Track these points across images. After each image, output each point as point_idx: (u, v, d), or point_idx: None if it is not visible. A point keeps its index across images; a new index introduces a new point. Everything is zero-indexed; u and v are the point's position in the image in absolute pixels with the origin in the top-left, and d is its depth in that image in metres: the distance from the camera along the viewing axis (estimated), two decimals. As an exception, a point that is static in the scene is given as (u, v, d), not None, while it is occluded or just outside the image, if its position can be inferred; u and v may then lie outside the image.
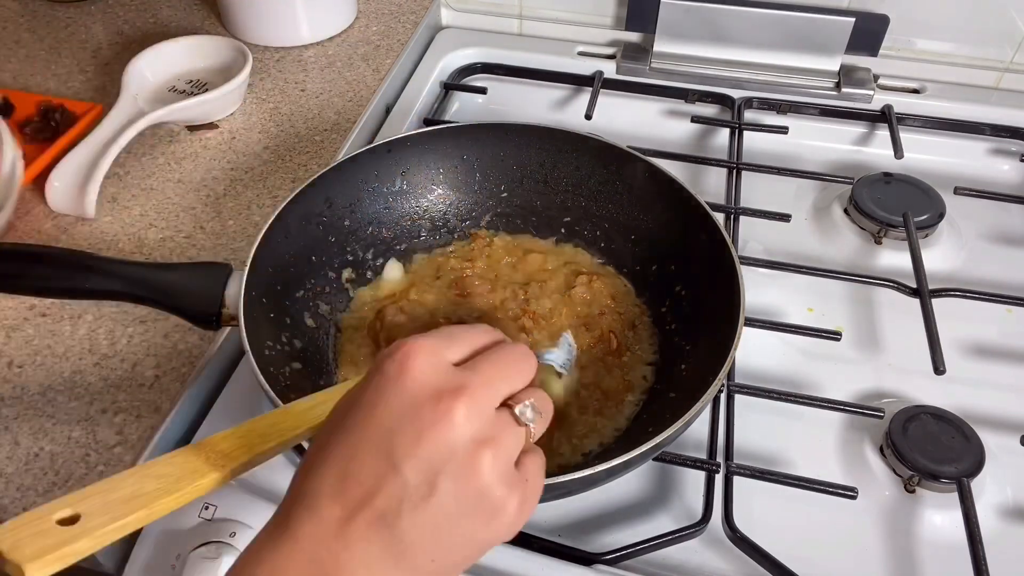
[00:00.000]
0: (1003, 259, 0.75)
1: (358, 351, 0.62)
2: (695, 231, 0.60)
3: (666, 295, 0.63)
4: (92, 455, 0.55)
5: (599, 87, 0.89)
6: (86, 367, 0.60)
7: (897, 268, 0.72)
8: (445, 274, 0.66)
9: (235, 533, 0.51)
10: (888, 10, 0.85)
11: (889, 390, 0.64)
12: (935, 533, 0.55)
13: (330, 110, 0.85)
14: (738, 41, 0.89)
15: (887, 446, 0.58)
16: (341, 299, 0.65)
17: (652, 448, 0.47)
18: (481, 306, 0.64)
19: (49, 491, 0.53)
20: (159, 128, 0.82)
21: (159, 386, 0.59)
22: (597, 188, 0.69)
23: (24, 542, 0.31)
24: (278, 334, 0.58)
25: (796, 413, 0.60)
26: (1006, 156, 0.85)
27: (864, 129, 0.87)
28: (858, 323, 0.69)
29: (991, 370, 0.66)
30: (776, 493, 0.55)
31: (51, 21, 0.98)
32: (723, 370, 0.50)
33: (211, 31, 0.96)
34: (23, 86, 0.87)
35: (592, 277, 0.65)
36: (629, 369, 0.60)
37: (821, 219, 0.78)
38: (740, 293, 0.54)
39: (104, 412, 0.57)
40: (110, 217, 0.73)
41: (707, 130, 0.88)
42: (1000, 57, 0.88)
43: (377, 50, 0.94)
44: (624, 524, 0.56)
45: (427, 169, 0.69)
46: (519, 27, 1.01)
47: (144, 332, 0.63)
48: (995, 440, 0.58)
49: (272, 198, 0.75)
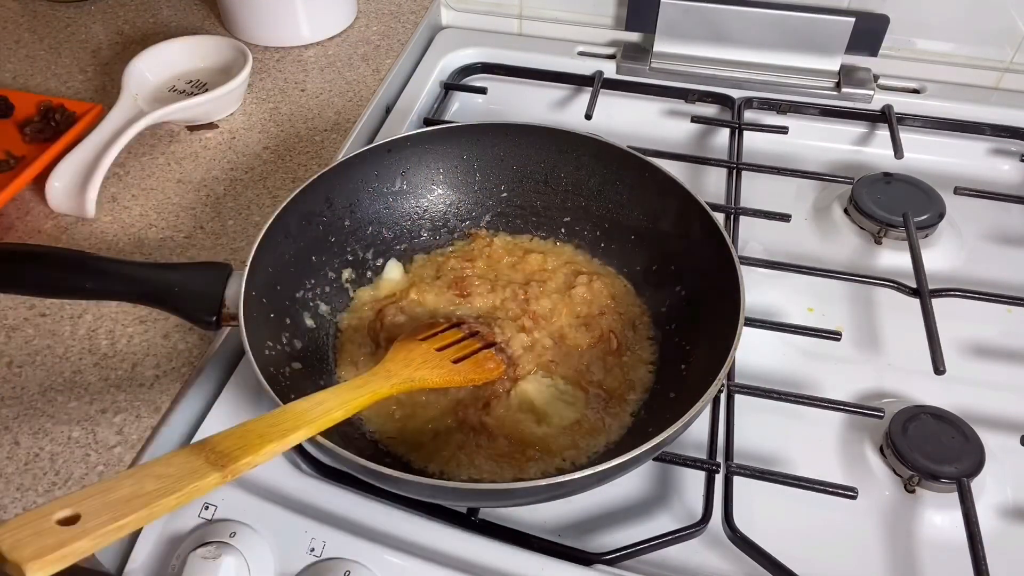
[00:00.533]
0: (1003, 259, 0.75)
1: (358, 351, 0.62)
2: (695, 231, 0.60)
3: (666, 295, 0.63)
4: (92, 455, 0.55)
5: (599, 87, 0.89)
6: (86, 367, 0.60)
7: (897, 268, 0.72)
8: (445, 274, 0.66)
9: (235, 533, 0.51)
10: (888, 10, 0.85)
11: (889, 390, 0.64)
12: (935, 533, 0.55)
13: (330, 110, 0.85)
14: (738, 41, 0.89)
15: (887, 446, 0.58)
16: (341, 299, 0.65)
17: (652, 448, 0.47)
18: (481, 306, 0.64)
19: (49, 491, 0.53)
20: (159, 128, 0.82)
21: (159, 386, 0.59)
22: (597, 188, 0.68)
23: (24, 542, 0.31)
24: (278, 334, 0.58)
25: (796, 413, 0.60)
26: (1006, 156, 0.85)
27: (864, 129, 0.87)
28: (858, 323, 0.69)
29: (991, 370, 0.66)
30: (776, 493, 0.55)
31: (51, 21, 0.98)
32: (723, 370, 0.50)
33: (211, 31, 0.96)
34: (23, 86, 0.87)
35: (592, 277, 0.65)
36: (629, 369, 0.60)
37: (821, 219, 0.78)
38: (740, 293, 0.54)
39: (104, 412, 0.57)
40: (110, 217, 0.73)
41: (707, 130, 0.88)
42: (1000, 57, 0.88)
43: (377, 50, 0.94)
44: (624, 524, 0.56)
45: (427, 169, 0.69)
46: (519, 27, 1.01)
47: (144, 332, 0.63)
48: (995, 440, 0.58)
49: (272, 198, 0.75)
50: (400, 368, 0.53)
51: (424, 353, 0.55)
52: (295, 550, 0.51)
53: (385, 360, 0.53)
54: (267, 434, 0.41)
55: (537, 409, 0.57)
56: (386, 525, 0.53)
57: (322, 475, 0.56)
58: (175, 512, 0.53)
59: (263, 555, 0.50)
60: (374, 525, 0.52)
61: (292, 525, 0.52)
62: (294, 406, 0.45)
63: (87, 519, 0.33)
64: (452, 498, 0.53)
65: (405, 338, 0.56)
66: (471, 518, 0.54)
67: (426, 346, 0.56)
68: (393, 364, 0.53)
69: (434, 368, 0.54)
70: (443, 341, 0.57)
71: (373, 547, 0.51)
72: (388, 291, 0.66)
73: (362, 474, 0.48)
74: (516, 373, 0.59)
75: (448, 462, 0.54)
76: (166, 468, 0.37)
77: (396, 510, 0.54)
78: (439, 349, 0.56)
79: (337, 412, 0.45)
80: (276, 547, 0.51)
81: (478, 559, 0.51)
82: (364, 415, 0.57)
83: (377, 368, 0.52)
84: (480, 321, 0.62)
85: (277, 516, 0.52)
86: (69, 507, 0.33)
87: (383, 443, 0.56)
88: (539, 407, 0.57)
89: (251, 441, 0.40)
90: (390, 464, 0.51)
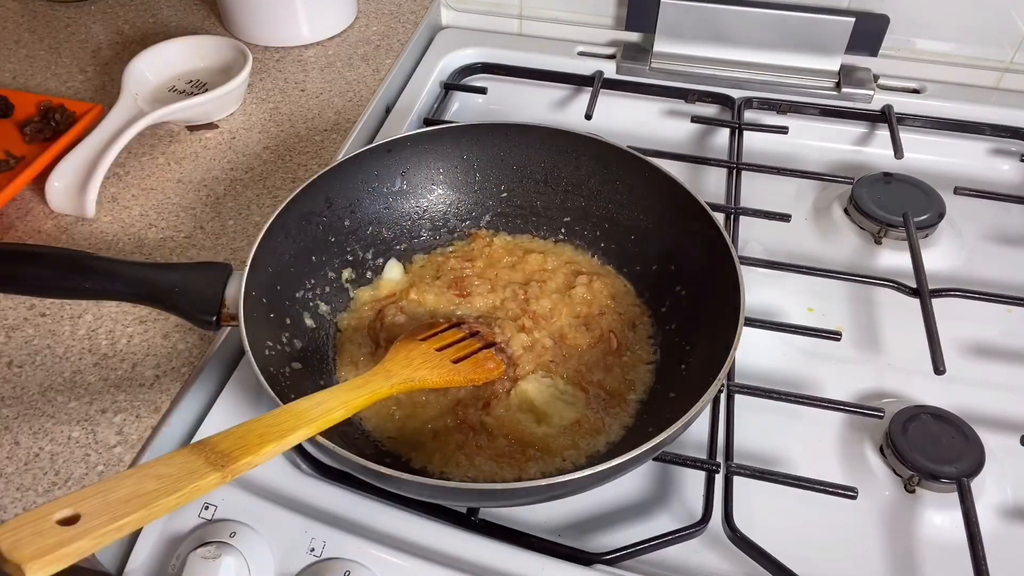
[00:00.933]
0: (1003, 259, 0.75)
1: (358, 351, 0.62)
2: (695, 231, 0.60)
3: (666, 295, 0.63)
4: (92, 455, 0.55)
5: (599, 87, 0.89)
6: (86, 367, 0.60)
7: (897, 268, 0.72)
8: (445, 274, 0.66)
9: (235, 533, 0.51)
10: (888, 10, 0.85)
11: (889, 390, 0.64)
12: (935, 533, 0.55)
13: (330, 110, 0.85)
14: (738, 41, 0.89)
15: (887, 446, 0.58)
16: (341, 299, 0.65)
17: (652, 448, 0.47)
18: (481, 306, 0.64)
19: (49, 491, 0.53)
20: (159, 128, 0.82)
21: (159, 386, 0.59)
22: (597, 188, 0.68)
23: (24, 542, 0.31)
24: (278, 334, 0.57)
25: (796, 413, 0.60)
26: (1006, 156, 0.85)
27: (864, 129, 0.87)
28: (858, 323, 0.69)
29: (991, 370, 0.65)
30: (776, 493, 0.55)
31: (51, 21, 0.98)
32: (723, 370, 0.50)
33: (211, 31, 0.96)
34: (23, 86, 0.87)
35: (592, 277, 0.65)
36: (629, 369, 0.60)
37: (821, 219, 0.78)
38: (740, 293, 0.54)
39: (104, 412, 0.57)
40: (110, 217, 0.73)
41: (707, 130, 0.88)
42: (1000, 57, 0.88)
43: (377, 50, 0.94)
44: (624, 524, 0.56)
45: (427, 169, 0.69)
46: (519, 27, 1.01)
47: (144, 332, 0.63)
48: (995, 440, 0.58)
49: (272, 198, 0.75)
50: (400, 368, 0.53)
51: (424, 353, 0.55)
52: (295, 550, 0.51)
53: (385, 360, 0.53)
54: (267, 434, 0.41)
55: (537, 409, 0.57)
56: (386, 525, 0.53)
57: (322, 475, 0.56)
58: (175, 512, 0.53)
59: (263, 555, 0.50)
60: (374, 525, 0.52)
61: (292, 525, 0.52)
62: (294, 406, 0.45)
63: (87, 519, 0.33)
64: (452, 498, 0.53)
65: (405, 338, 0.56)
66: (471, 518, 0.54)
67: (426, 346, 0.56)
68: (393, 364, 0.53)
69: (434, 368, 0.54)
70: (443, 341, 0.57)
71: (373, 547, 0.51)
72: (388, 291, 0.66)
73: (362, 474, 0.48)
74: (516, 373, 0.59)
75: (448, 462, 0.54)
76: (166, 468, 0.37)
77: (396, 510, 0.54)
78: (439, 349, 0.56)
79: (337, 412, 0.45)
80: (276, 547, 0.51)
81: (478, 559, 0.51)
82: (364, 415, 0.57)
83: (377, 368, 0.52)
84: (480, 321, 0.62)
85: (277, 516, 0.52)
86: (69, 507, 0.33)
87: (383, 443, 0.56)
88: (539, 407, 0.58)
89: (251, 441, 0.40)
90: (390, 464, 0.51)
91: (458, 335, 0.59)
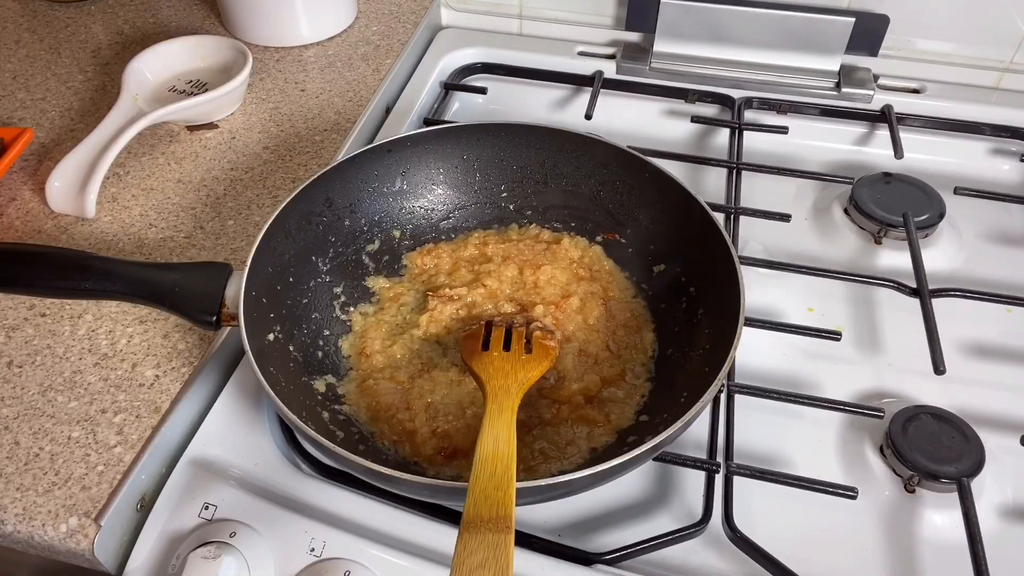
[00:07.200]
0: (1003, 259, 0.75)
1: (358, 351, 0.62)
2: (695, 231, 0.60)
3: (666, 295, 0.63)
4: (92, 455, 0.55)
5: (599, 87, 0.89)
6: (86, 367, 0.60)
7: (897, 268, 0.72)
8: (445, 274, 0.66)
9: (235, 533, 0.51)
10: (888, 10, 0.85)
11: (889, 390, 0.64)
12: (935, 533, 0.55)
13: (330, 110, 0.85)
14: (738, 41, 0.89)
15: (887, 446, 0.58)
16: (341, 299, 0.65)
17: (652, 448, 0.47)
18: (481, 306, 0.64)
19: (49, 491, 0.53)
20: (159, 128, 0.82)
21: (159, 386, 0.59)
22: (597, 188, 0.69)
23: None
24: (278, 334, 0.58)
25: (796, 413, 0.60)
26: (1006, 156, 0.85)
27: (864, 129, 0.87)
28: (858, 323, 0.69)
29: (991, 370, 0.65)
30: (776, 493, 0.55)
31: (51, 21, 0.98)
32: (723, 370, 0.50)
33: (211, 31, 0.96)
34: (23, 86, 0.87)
35: (592, 277, 0.65)
36: (629, 369, 0.60)
37: (821, 219, 0.78)
38: (740, 293, 0.54)
39: (104, 412, 0.57)
40: (110, 217, 0.73)
41: (707, 130, 0.88)
42: (1000, 57, 0.88)
43: (377, 50, 0.94)
44: (624, 524, 0.56)
45: (427, 169, 0.69)
46: (519, 27, 1.01)
47: (144, 332, 0.63)
48: (995, 440, 0.58)
49: (272, 198, 0.75)
50: (503, 379, 0.53)
51: (503, 358, 0.55)
52: (295, 550, 0.51)
53: (485, 384, 0.53)
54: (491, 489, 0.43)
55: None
56: (386, 525, 0.53)
57: (322, 475, 0.56)
58: (175, 512, 0.53)
59: (263, 555, 0.50)
60: (374, 525, 0.52)
61: (292, 525, 0.52)
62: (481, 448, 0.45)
63: None
64: (452, 498, 0.53)
65: (476, 355, 0.56)
66: (471, 518, 0.54)
67: (496, 352, 0.56)
68: (495, 380, 0.53)
69: (525, 363, 0.55)
70: (499, 342, 0.57)
71: (373, 547, 0.51)
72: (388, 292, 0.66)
73: (362, 474, 0.48)
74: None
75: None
76: (474, 557, 0.39)
77: (396, 510, 0.53)
78: None
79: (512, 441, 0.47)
80: (276, 547, 0.51)
81: (478, 559, 0.51)
82: (364, 416, 0.57)
83: (488, 392, 0.52)
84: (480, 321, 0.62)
85: (277, 516, 0.52)
86: None
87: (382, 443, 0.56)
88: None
89: (494, 496, 0.42)
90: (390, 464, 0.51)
91: (500, 331, 0.59)
